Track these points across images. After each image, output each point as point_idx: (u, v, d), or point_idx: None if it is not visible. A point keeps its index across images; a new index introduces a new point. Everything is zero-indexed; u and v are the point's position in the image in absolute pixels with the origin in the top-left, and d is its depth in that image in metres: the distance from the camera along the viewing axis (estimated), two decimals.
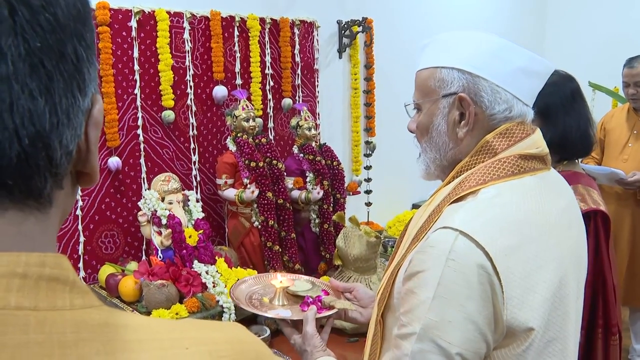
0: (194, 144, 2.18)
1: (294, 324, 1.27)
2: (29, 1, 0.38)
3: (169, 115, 2.06)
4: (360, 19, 2.74)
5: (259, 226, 2.12)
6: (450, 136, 1.01)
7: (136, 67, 1.98)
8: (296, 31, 2.51)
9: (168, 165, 2.12)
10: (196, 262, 1.87)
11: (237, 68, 2.28)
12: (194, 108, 2.16)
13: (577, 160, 1.87)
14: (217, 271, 1.86)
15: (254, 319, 1.81)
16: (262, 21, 2.35)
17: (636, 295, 2.89)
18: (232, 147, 2.10)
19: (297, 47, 2.52)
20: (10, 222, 0.41)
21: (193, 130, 2.17)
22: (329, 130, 2.77)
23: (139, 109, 2.01)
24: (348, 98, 2.89)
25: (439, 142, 1.02)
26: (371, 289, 1.87)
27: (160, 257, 1.88)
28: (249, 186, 2.05)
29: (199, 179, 2.21)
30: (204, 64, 2.19)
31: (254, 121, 2.12)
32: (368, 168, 2.90)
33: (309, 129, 2.28)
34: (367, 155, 2.93)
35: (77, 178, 0.47)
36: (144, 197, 1.95)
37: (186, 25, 2.10)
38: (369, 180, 2.89)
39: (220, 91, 2.21)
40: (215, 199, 2.26)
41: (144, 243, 2.06)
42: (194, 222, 1.98)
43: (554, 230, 0.93)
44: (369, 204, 2.90)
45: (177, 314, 1.67)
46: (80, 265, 1.92)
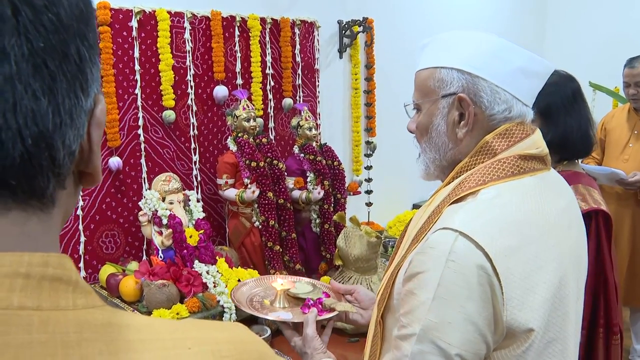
0: (194, 143, 2.18)
1: (295, 326, 1.27)
2: (32, 1, 0.38)
3: (169, 115, 2.06)
4: (361, 19, 2.74)
5: (260, 226, 2.12)
6: (449, 136, 1.00)
7: (137, 67, 1.98)
8: (297, 31, 2.51)
9: (169, 165, 2.12)
10: (197, 262, 1.87)
11: (238, 68, 2.28)
12: (194, 108, 2.16)
13: (577, 161, 1.88)
14: (217, 271, 1.86)
15: (255, 319, 1.81)
16: (263, 21, 2.35)
17: (636, 295, 2.89)
18: (233, 147, 2.10)
19: (298, 47, 2.52)
20: (13, 222, 0.41)
21: (194, 130, 2.17)
22: (329, 130, 2.77)
23: (140, 108, 2.01)
24: (349, 98, 2.89)
25: (439, 143, 1.02)
26: (372, 289, 1.88)
27: (161, 257, 1.88)
28: (249, 186, 2.05)
29: (199, 178, 2.21)
30: (205, 64, 2.19)
31: (255, 121, 2.12)
32: (368, 168, 2.90)
33: (310, 129, 2.28)
34: (368, 156, 2.93)
35: (80, 178, 0.47)
36: (144, 197, 1.95)
37: (187, 25, 2.10)
38: (369, 180, 2.89)
39: (220, 91, 2.21)
40: (215, 198, 2.26)
41: (144, 243, 2.06)
42: (194, 222, 1.98)
43: (553, 230, 0.93)
44: (369, 204, 2.90)
45: (177, 314, 1.67)
46: (81, 265, 1.92)
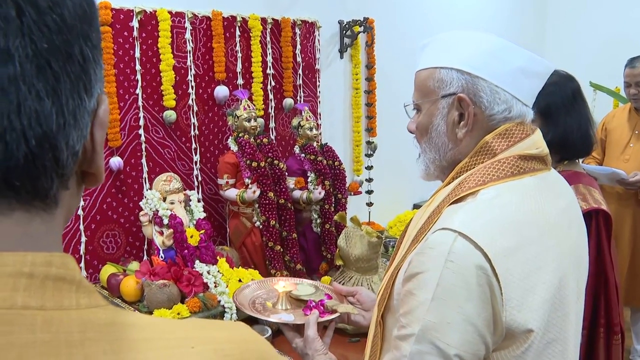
0: (195, 144, 2.18)
1: (297, 327, 1.27)
2: (36, 2, 0.38)
3: (170, 115, 2.06)
4: (362, 19, 2.74)
5: (261, 226, 2.12)
6: (449, 137, 1.00)
7: (138, 67, 1.98)
8: (297, 31, 2.51)
9: (169, 165, 2.12)
10: (198, 262, 1.87)
11: (239, 68, 2.28)
12: (195, 108, 2.16)
13: (578, 160, 1.88)
14: (218, 271, 1.86)
15: (256, 319, 1.80)
16: (264, 21, 2.35)
17: (637, 295, 2.89)
18: (234, 147, 2.10)
19: (299, 47, 2.52)
20: (17, 223, 0.41)
21: (194, 130, 2.17)
22: (330, 130, 2.77)
23: (141, 109, 2.01)
24: (349, 98, 2.89)
25: (439, 143, 1.02)
26: (372, 290, 1.88)
27: (161, 257, 1.88)
28: (250, 186, 2.05)
29: (200, 179, 2.21)
30: (206, 64, 2.19)
31: (256, 121, 2.12)
32: (369, 168, 2.90)
33: (310, 129, 2.28)
34: (369, 156, 2.93)
35: (83, 178, 0.47)
36: (145, 197, 1.96)
37: (188, 25, 2.10)
38: (370, 180, 2.89)
39: (221, 91, 2.21)
40: (216, 198, 2.26)
41: (145, 243, 2.06)
42: (195, 222, 1.98)
43: (553, 230, 0.93)
44: (370, 204, 2.90)
45: (178, 314, 1.68)
46: (82, 265, 1.92)
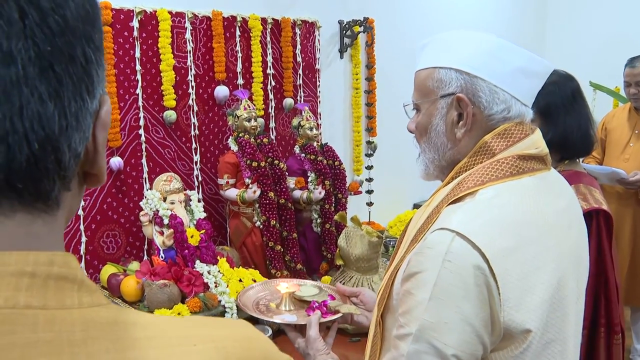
0: (195, 144, 2.18)
1: (299, 328, 1.28)
2: (38, 3, 0.38)
3: (170, 115, 2.06)
4: (362, 19, 2.74)
5: (261, 226, 2.12)
6: (448, 137, 1.00)
7: (138, 67, 1.98)
8: (297, 31, 2.51)
9: (170, 165, 2.12)
10: (198, 262, 1.87)
11: (239, 68, 2.28)
12: (195, 108, 2.16)
13: (578, 160, 1.88)
14: (219, 271, 1.86)
15: (257, 319, 1.81)
16: (264, 21, 2.35)
17: (637, 294, 2.89)
18: (234, 147, 2.10)
19: (299, 47, 2.52)
20: (19, 224, 0.41)
21: (195, 130, 2.17)
22: (330, 130, 2.77)
23: (141, 109, 2.01)
24: (349, 98, 2.89)
25: (438, 143, 1.02)
26: (373, 289, 1.88)
27: (162, 257, 1.88)
28: (250, 186, 2.05)
29: (200, 179, 2.21)
30: (206, 64, 2.19)
31: (256, 121, 2.12)
32: (369, 168, 2.90)
33: (311, 129, 2.28)
34: (369, 155, 2.93)
35: (84, 178, 0.47)
36: (145, 197, 1.95)
37: (188, 25, 2.10)
38: (370, 180, 2.89)
39: (221, 91, 2.21)
40: (216, 198, 2.26)
41: (145, 243, 2.06)
42: (195, 222, 1.98)
43: (552, 231, 0.93)
44: (370, 203, 2.90)
45: (179, 314, 1.68)
46: (82, 265, 1.92)
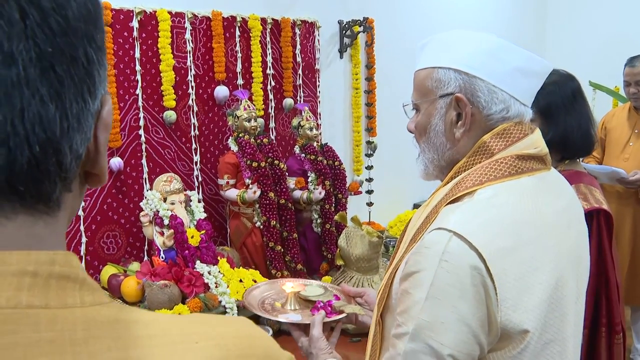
0: (195, 144, 2.18)
1: (303, 327, 1.29)
2: (39, 3, 0.38)
3: (170, 115, 2.06)
4: (361, 19, 2.74)
5: (261, 226, 2.12)
6: (447, 137, 1.00)
7: (138, 67, 1.98)
8: (297, 31, 2.51)
9: (170, 165, 2.12)
10: (198, 262, 1.87)
11: (239, 68, 2.28)
12: (195, 108, 2.16)
13: (578, 160, 1.87)
14: (219, 271, 1.86)
15: (256, 319, 1.81)
16: (264, 21, 2.35)
17: (637, 294, 2.89)
18: (234, 148, 2.10)
19: (298, 47, 2.52)
20: (20, 226, 0.40)
21: (195, 130, 2.17)
22: (330, 130, 2.77)
23: (141, 109, 2.01)
24: (349, 98, 2.89)
25: (437, 143, 1.02)
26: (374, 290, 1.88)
27: (162, 258, 1.88)
28: (250, 186, 2.05)
29: (200, 179, 2.21)
30: (206, 64, 2.19)
31: (256, 121, 2.12)
32: (369, 168, 2.90)
33: (311, 129, 2.28)
34: (369, 155, 2.93)
35: (86, 178, 0.46)
36: (146, 198, 1.95)
37: (187, 25, 2.10)
38: (370, 180, 2.89)
39: (221, 91, 2.21)
40: (217, 199, 2.26)
41: (146, 243, 2.06)
42: (196, 223, 1.98)
43: (551, 231, 0.92)
44: (370, 203, 2.90)
45: (179, 314, 1.68)
46: (82, 266, 1.91)
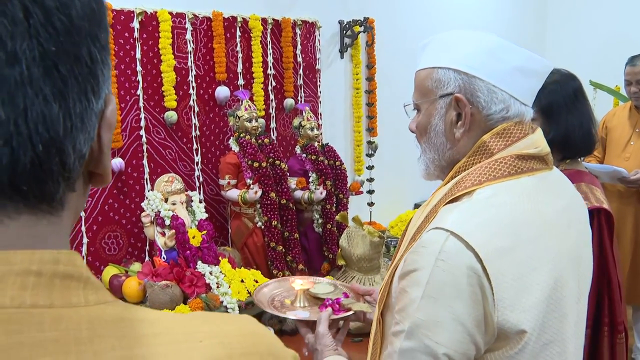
0: (196, 144, 2.18)
1: (311, 324, 1.30)
2: (43, 3, 0.38)
3: (171, 116, 2.06)
4: (362, 19, 2.74)
5: (262, 226, 2.12)
6: (447, 137, 1.00)
7: (139, 68, 1.98)
8: (298, 31, 2.51)
9: (171, 166, 2.12)
10: (200, 262, 1.87)
11: (240, 68, 2.28)
12: (196, 109, 2.16)
13: (579, 159, 1.87)
14: (221, 272, 1.86)
15: (258, 318, 1.82)
16: (264, 21, 2.35)
17: (639, 293, 2.89)
18: (235, 148, 2.10)
19: (299, 47, 2.52)
20: (23, 226, 0.41)
21: (196, 131, 2.17)
22: (331, 130, 2.77)
23: (142, 109, 2.01)
24: (350, 98, 2.89)
25: (437, 143, 1.02)
26: None
27: (163, 258, 1.88)
28: (252, 186, 2.05)
29: (201, 179, 2.21)
30: (206, 65, 2.19)
31: (257, 121, 2.12)
32: (370, 168, 2.90)
33: (312, 129, 2.28)
34: (369, 155, 2.93)
35: (89, 178, 0.47)
36: (147, 198, 1.95)
37: (188, 25, 2.10)
38: (371, 180, 2.89)
39: (222, 92, 2.21)
40: (218, 199, 2.26)
41: (147, 244, 2.06)
42: (197, 223, 1.98)
43: (551, 231, 0.92)
44: (371, 203, 2.90)
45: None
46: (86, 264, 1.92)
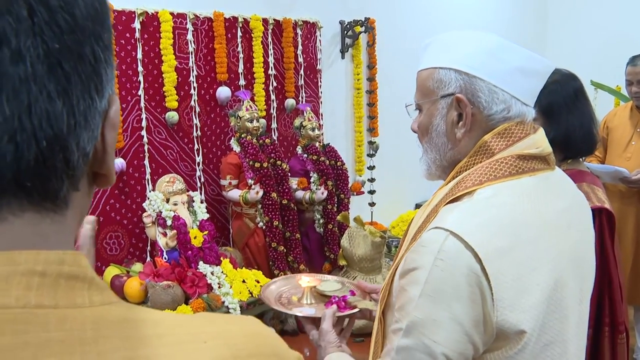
0: (197, 145, 2.18)
1: (317, 321, 1.31)
2: (48, 1, 0.38)
3: (172, 116, 2.06)
4: (363, 19, 2.74)
5: (264, 227, 2.12)
6: (449, 137, 1.01)
7: (140, 68, 1.98)
8: (299, 32, 2.51)
9: (172, 166, 2.12)
10: (201, 263, 1.87)
11: (241, 69, 2.29)
12: (197, 109, 2.16)
13: (581, 159, 1.87)
14: (222, 272, 1.86)
15: (260, 318, 1.82)
16: (265, 22, 2.35)
17: None
18: (236, 148, 2.10)
19: (300, 47, 2.52)
20: (27, 224, 0.41)
21: (197, 131, 2.17)
22: (332, 130, 2.77)
23: (143, 110, 2.01)
24: (351, 98, 2.89)
25: (439, 143, 1.02)
26: None
27: (165, 258, 1.88)
28: (253, 187, 2.05)
29: (203, 180, 2.21)
30: (208, 65, 2.19)
31: (258, 122, 2.12)
32: (371, 168, 2.90)
33: (313, 130, 2.28)
34: (370, 156, 2.93)
35: (94, 179, 0.47)
36: (148, 199, 1.96)
37: (189, 26, 2.10)
38: (372, 180, 2.89)
39: (223, 92, 2.21)
40: (219, 199, 2.26)
41: (148, 244, 2.06)
42: (198, 223, 1.98)
43: (551, 231, 0.92)
44: (372, 204, 2.90)
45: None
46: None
